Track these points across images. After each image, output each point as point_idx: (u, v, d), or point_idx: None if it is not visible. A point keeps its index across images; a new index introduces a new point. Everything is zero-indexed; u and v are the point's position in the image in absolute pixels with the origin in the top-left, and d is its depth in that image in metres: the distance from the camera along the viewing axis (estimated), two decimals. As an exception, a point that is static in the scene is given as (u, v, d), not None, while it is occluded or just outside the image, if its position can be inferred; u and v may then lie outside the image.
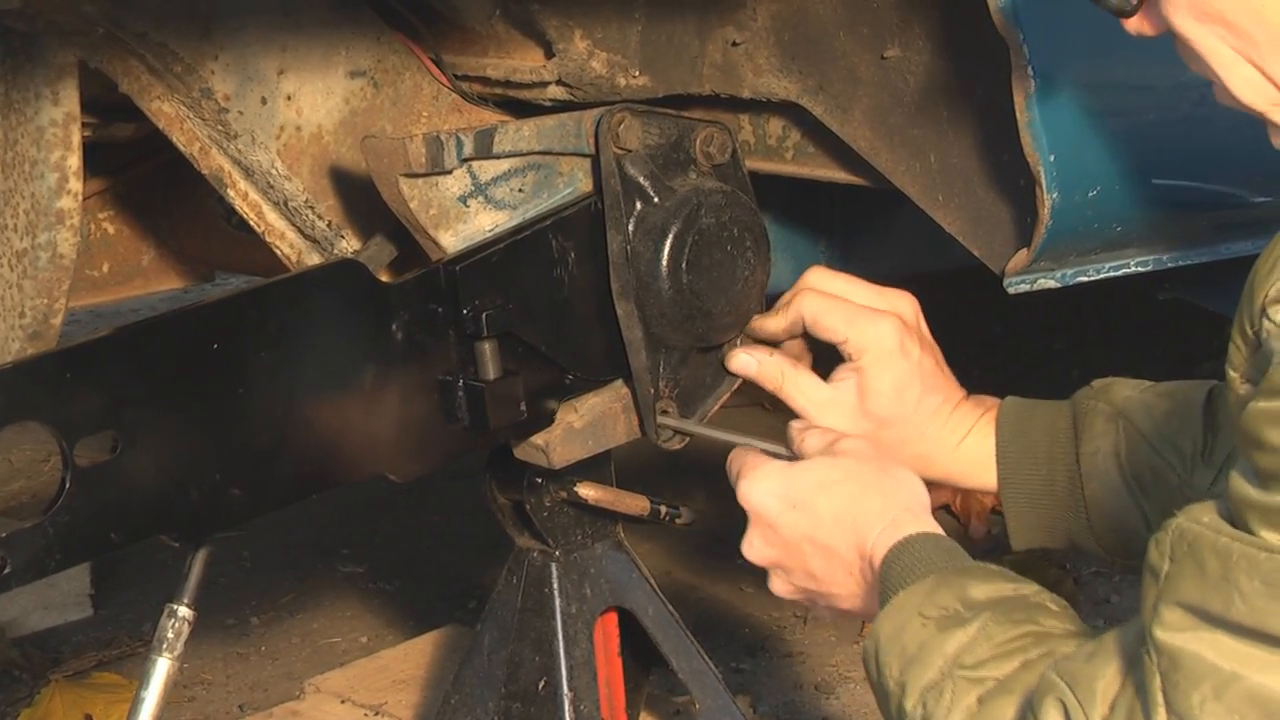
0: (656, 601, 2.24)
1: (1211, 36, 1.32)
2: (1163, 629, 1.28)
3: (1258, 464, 1.24)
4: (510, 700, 2.22)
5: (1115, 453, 1.87)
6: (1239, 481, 1.25)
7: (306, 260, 2.14)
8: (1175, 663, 1.27)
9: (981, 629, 1.48)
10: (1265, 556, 1.23)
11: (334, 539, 4.25)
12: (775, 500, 1.73)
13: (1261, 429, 1.23)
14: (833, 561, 1.70)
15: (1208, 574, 1.26)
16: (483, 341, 1.89)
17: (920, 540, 1.63)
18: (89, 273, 2.90)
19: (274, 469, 1.79)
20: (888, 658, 1.53)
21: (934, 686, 1.47)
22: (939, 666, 1.48)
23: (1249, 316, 1.28)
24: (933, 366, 1.94)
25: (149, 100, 2.03)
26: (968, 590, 1.53)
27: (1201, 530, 1.27)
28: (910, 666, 1.50)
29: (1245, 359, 1.30)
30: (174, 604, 1.91)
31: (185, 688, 3.54)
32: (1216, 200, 2.07)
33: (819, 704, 3.41)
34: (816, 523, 1.70)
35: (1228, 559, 1.24)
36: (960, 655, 1.47)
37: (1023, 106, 1.79)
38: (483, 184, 1.93)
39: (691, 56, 2.09)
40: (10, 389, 1.60)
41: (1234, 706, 1.24)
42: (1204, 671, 1.26)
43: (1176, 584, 1.28)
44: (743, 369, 2.01)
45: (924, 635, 1.50)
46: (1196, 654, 1.26)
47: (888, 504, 1.69)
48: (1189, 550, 1.27)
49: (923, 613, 1.52)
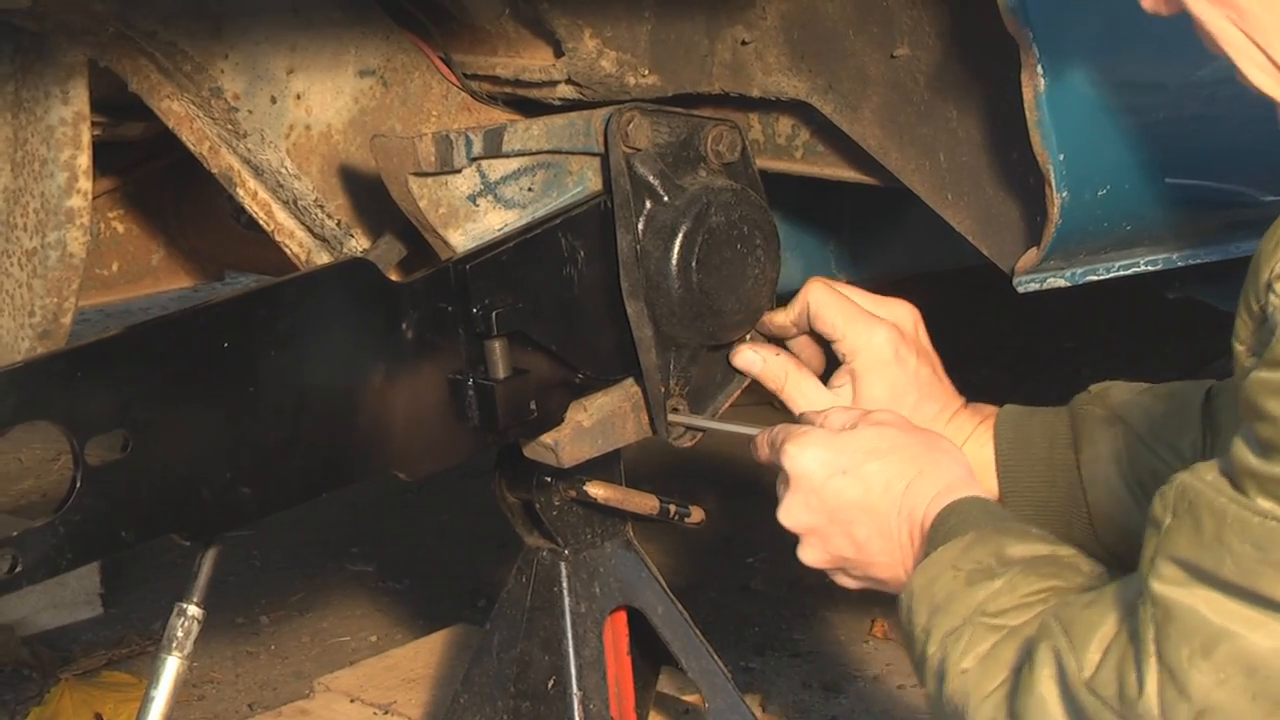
0: (666, 600, 2.24)
1: (1221, 18, 1.32)
2: (1159, 581, 1.31)
3: (1259, 433, 1.27)
4: (519, 699, 2.22)
5: (1115, 457, 1.87)
6: (1240, 448, 1.28)
7: (316, 259, 2.15)
8: (1169, 615, 1.30)
9: (1008, 581, 1.51)
10: (1258, 521, 1.26)
11: (343, 538, 4.26)
12: (822, 466, 1.73)
13: (1263, 399, 1.26)
14: (880, 528, 1.71)
15: (1203, 532, 1.29)
16: (492, 340, 1.89)
17: (968, 503, 1.66)
18: (99, 271, 2.91)
19: (284, 468, 1.79)
20: (918, 606, 1.56)
21: (954, 631, 1.50)
22: (962, 614, 1.51)
23: (1255, 291, 1.31)
24: (930, 375, 1.94)
25: (159, 99, 2.03)
26: (1005, 548, 1.56)
27: (1202, 488, 1.30)
28: (936, 614, 1.53)
29: (1251, 332, 1.32)
30: (183, 603, 1.91)
31: (195, 686, 3.55)
32: (1226, 199, 2.06)
33: (828, 703, 3.41)
34: (867, 489, 1.71)
35: (1222, 519, 1.28)
36: (985, 604, 1.50)
37: (1032, 105, 1.79)
38: (492, 183, 1.93)
39: (701, 55, 2.08)
40: (21, 388, 1.61)
41: (1221, 664, 1.28)
42: (1196, 625, 1.29)
43: (1175, 538, 1.31)
44: (747, 366, 2.01)
45: (954, 586, 1.54)
46: (1191, 608, 1.29)
47: (939, 472, 1.70)
48: (1189, 507, 1.31)
49: (956, 565, 1.56)
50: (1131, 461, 1.87)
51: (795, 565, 1.80)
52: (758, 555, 3.99)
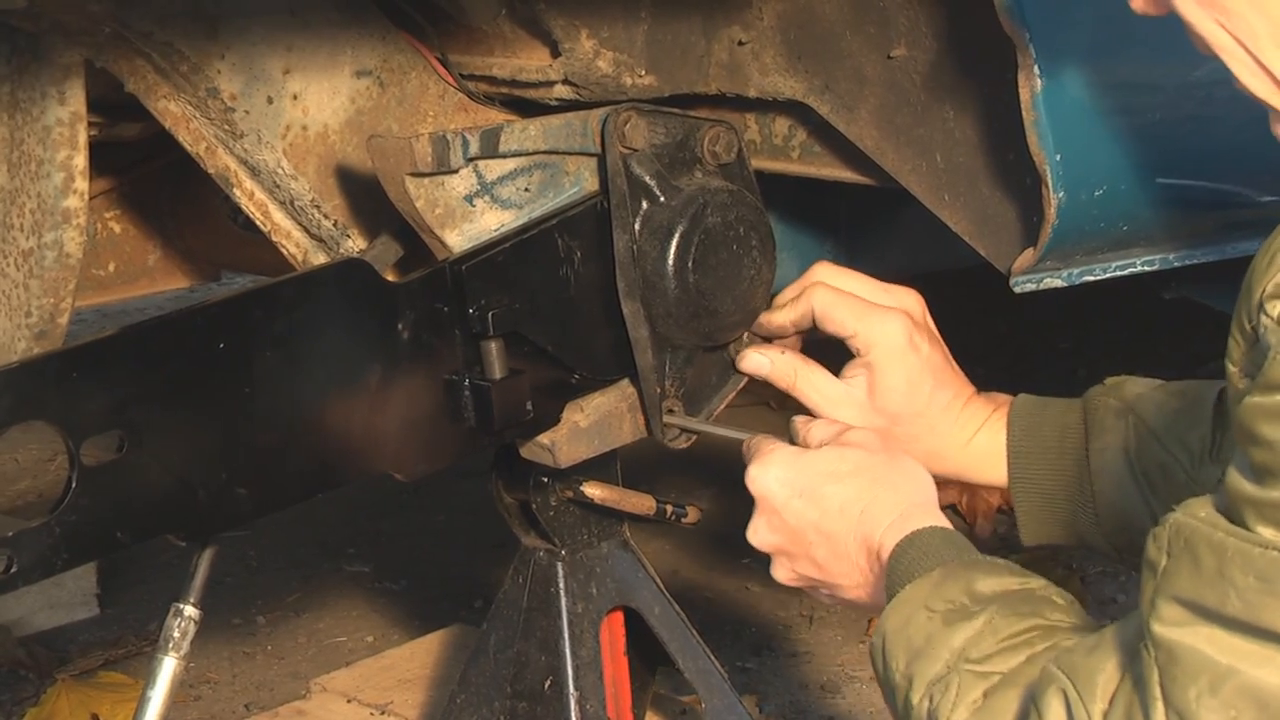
0: (663, 600, 2.24)
1: (1210, 21, 1.31)
2: (1160, 623, 1.29)
3: (1253, 459, 1.25)
4: (516, 700, 2.22)
5: (1124, 449, 1.87)
6: (1235, 476, 1.26)
7: (312, 259, 2.15)
8: (1173, 657, 1.28)
9: (988, 623, 1.49)
10: (1259, 552, 1.23)
11: (340, 538, 4.26)
12: (782, 487, 1.75)
13: (1257, 424, 1.24)
14: (838, 551, 1.71)
15: (1203, 569, 1.26)
16: (489, 341, 1.89)
17: (928, 534, 1.64)
18: (95, 272, 2.90)
19: (280, 468, 1.79)
20: (894, 650, 1.54)
21: (940, 680, 1.48)
22: (945, 660, 1.48)
23: (1247, 311, 1.29)
24: (942, 362, 1.94)
25: (155, 99, 2.03)
26: (974, 584, 1.53)
27: (1198, 525, 1.28)
28: (917, 660, 1.51)
29: (1244, 353, 1.30)
30: (180, 603, 1.91)
31: (191, 687, 3.55)
32: (1223, 199, 2.07)
33: (825, 703, 3.41)
34: (823, 512, 1.71)
35: (1223, 554, 1.25)
36: (966, 649, 1.48)
37: (1029, 105, 1.79)
38: (489, 183, 1.93)
39: (698, 56, 2.08)
40: (17, 388, 1.60)
41: (1230, 701, 1.25)
42: (1201, 666, 1.26)
43: (1173, 579, 1.28)
44: (756, 369, 2.01)
45: (930, 628, 1.51)
46: (1193, 648, 1.26)
47: (897, 497, 1.69)
48: (1185, 545, 1.28)
49: (929, 606, 1.53)
50: (1140, 454, 1.87)
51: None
52: (755, 555, 3.98)
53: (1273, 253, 1.27)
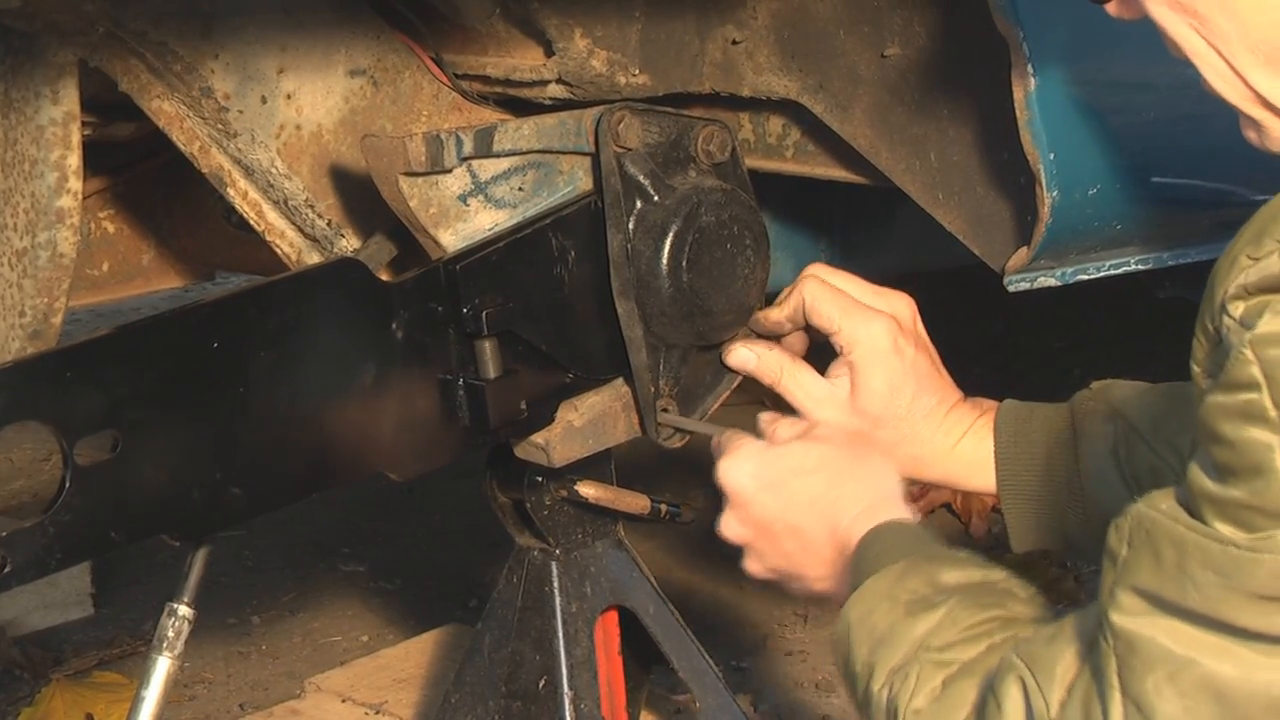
0: (657, 600, 2.24)
1: (1183, 25, 1.33)
2: (1119, 613, 1.30)
3: (1215, 457, 1.26)
4: (511, 699, 2.22)
5: (1113, 451, 1.88)
6: (1197, 473, 1.27)
7: (306, 259, 2.14)
8: (1131, 647, 1.29)
9: (949, 613, 1.50)
10: (1219, 549, 1.25)
11: (335, 538, 4.25)
12: (750, 480, 1.76)
13: (1218, 423, 1.26)
14: (805, 544, 1.72)
15: (1163, 562, 1.28)
16: (483, 340, 1.89)
17: (893, 527, 1.66)
18: (89, 272, 2.90)
19: (275, 468, 1.79)
20: (857, 640, 1.55)
21: (900, 669, 1.49)
22: (905, 649, 1.50)
23: (1210, 313, 1.30)
24: (928, 368, 1.94)
25: (149, 99, 2.03)
26: (938, 575, 1.55)
27: (1158, 518, 1.29)
28: (878, 648, 1.52)
29: (1207, 354, 1.32)
30: (175, 603, 1.91)
31: (186, 686, 3.55)
32: (1217, 198, 2.07)
33: (819, 702, 3.42)
34: (789, 505, 1.73)
35: (1183, 549, 1.27)
36: (927, 638, 1.49)
37: (1023, 105, 1.79)
38: (483, 182, 1.93)
39: (691, 55, 2.09)
40: (11, 388, 1.60)
41: (1187, 691, 1.26)
42: (1159, 656, 1.28)
43: (1133, 570, 1.30)
44: (742, 364, 2.01)
45: (893, 618, 1.53)
46: (1152, 639, 1.28)
47: (863, 491, 1.71)
48: (1146, 537, 1.30)
49: (892, 596, 1.55)
50: (1129, 457, 1.87)
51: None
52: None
53: (1234, 255, 1.28)
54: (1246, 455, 1.23)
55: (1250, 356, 1.23)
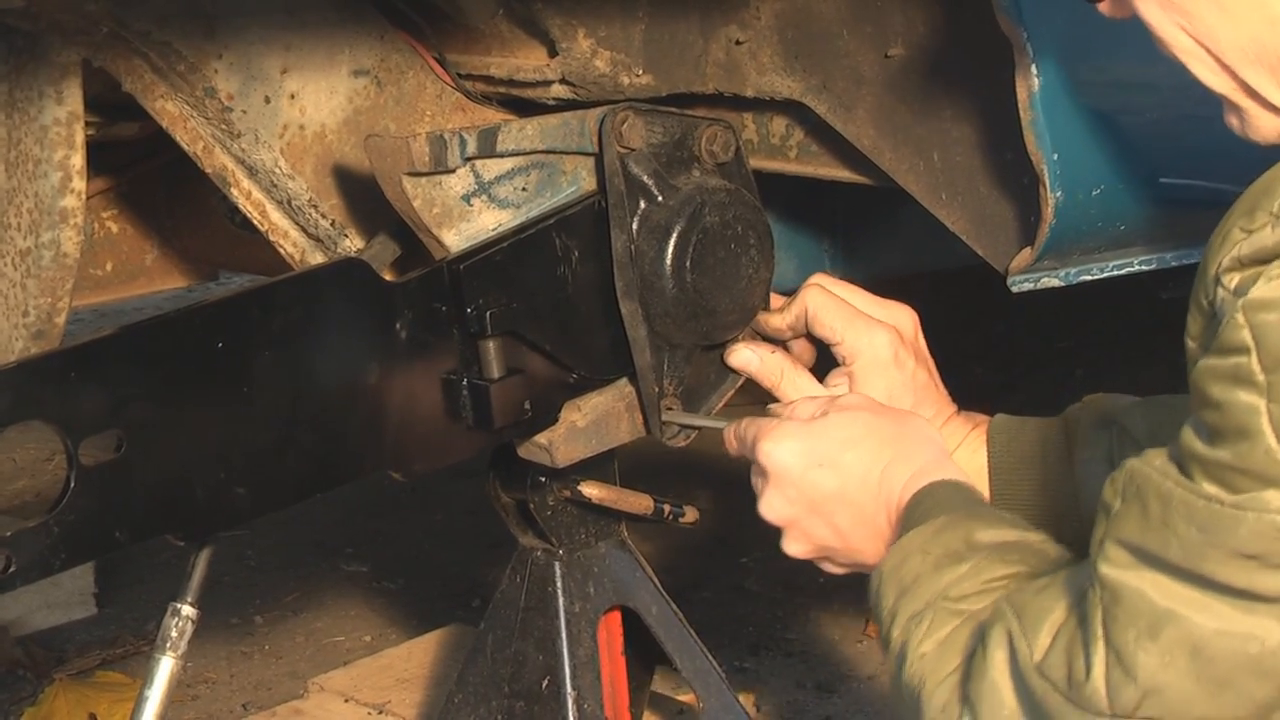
0: (660, 600, 2.24)
1: (1171, 24, 1.36)
2: (1107, 564, 1.33)
3: (1205, 419, 1.30)
4: (514, 699, 2.22)
5: (1109, 460, 1.88)
6: (1188, 434, 1.31)
7: (310, 259, 2.15)
8: (1116, 597, 1.32)
9: (974, 566, 1.53)
10: (1202, 504, 1.28)
11: (338, 538, 4.26)
12: (800, 459, 1.75)
13: (1209, 385, 1.29)
14: (860, 515, 1.72)
15: (1150, 515, 1.31)
16: (486, 340, 1.89)
17: (942, 486, 1.68)
18: (93, 271, 2.91)
19: (278, 468, 1.79)
20: (886, 589, 1.58)
21: (917, 615, 1.52)
22: (926, 598, 1.53)
23: (1204, 287, 1.34)
24: (926, 380, 1.95)
25: (152, 99, 2.03)
26: (974, 533, 1.57)
27: (1150, 473, 1.33)
28: (903, 597, 1.55)
29: (1201, 327, 1.35)
30: (178, 603, 1.91)
31: (189, 686, 3.55)
32: (1220, 198, 2.06)
33: (822, 702, 3.42)
34: (845, 479, 1.73)
35: (1168, 503, 1.30)
36: (948, 588, 1.52)
37: (1026, 105, 1.79)
38: (486, 183, 1.93)
39: (695, 55, 2.09)
40: (15, 388, 1.60)
41: (1166, 646, 1.29)
42: (1142, 608, 1.31)
43: (1122, 522, 1.33)
44: (743, 365, 2.01)
45: (921, 569, 1.56)
46: (1138, 590, 1.31)
47: (912, 455, 1.72)
48: (1136, 491, 1.33)
49: (925, 549, 1.57)
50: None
51: (789, 565, 1.80)
52: (752, 555, 3.99)
53: (1227, 229, 1.32)
54: (1233, 417, 1.27)
55: (1241, 320, 1.27)
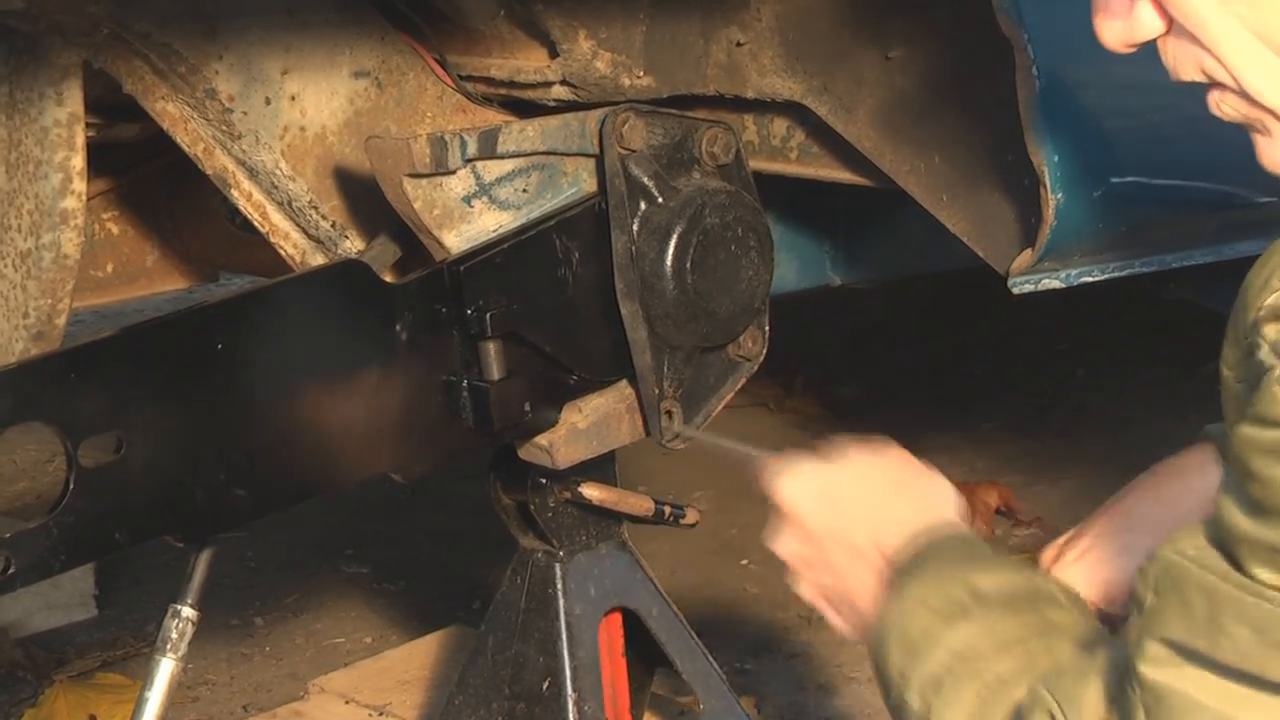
0: (661, 602, 2.24)
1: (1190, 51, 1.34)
2: (1146, 663, 1.26)
3: (1249, 493, 1.21)
4: (514, 701, 2.22)
5: None
6: (1230, 508, 1.22)
7: (310, 260, 2.15)
8: (1159, 699, 1.25)
9: (985, 620, 1.47)
10: (1253, 603, 1.19)
11: (338, 539, 4.25)
12: (806, 496, 1.73)
13: (1252, 459, 1.20)
14: (854, 556, 1.69)
15: (1194, 612, 1.23)
16: (487, 342, 1.89)
17: (941, 533, 1.62)
18: (93, 273, 2.91)
19: (278, 469, 1.79)
20: (891, 646, 1.53)
21: (935, 681, 1.46)
22: (940, 659, 1.47)
23: (1242, 324, 1.26)
24: None
25: (153, 101, 2.03)
26: (976, 582, 1.52)
27: (1187, 565, 1.24)
28: (913, 657, 1.49)
29: (1239, 361, 1.27)
30: (178, 604, 1.91)
31: (189, 688, 3.54)
32: (1221, 200, 2.07)
33: (823, 704, 3.41)
34: (843, 516, 1.70)
35: (1215, 600, 1.22)
36: (963, 649, 1.46)
37: (1027, 107, 1.79)
38: (487, 184, 1.93)
39: (696, 57, 2.08)
40: (15, 389, 1.60)
41: None
42: (1189, 709, 1.23)
43: (1161, 619, 1.25)
44: None
45: (927, 624, 1.50)
46: (1183, 692, 1.23)
47: (919, 503, 1.68)
48: (1173, 585, 1.24)
49: (928, 603, 1.51)
50: None
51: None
52: (753, 557, 3.98)
53: (1269, 271, 1.25)
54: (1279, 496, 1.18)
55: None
